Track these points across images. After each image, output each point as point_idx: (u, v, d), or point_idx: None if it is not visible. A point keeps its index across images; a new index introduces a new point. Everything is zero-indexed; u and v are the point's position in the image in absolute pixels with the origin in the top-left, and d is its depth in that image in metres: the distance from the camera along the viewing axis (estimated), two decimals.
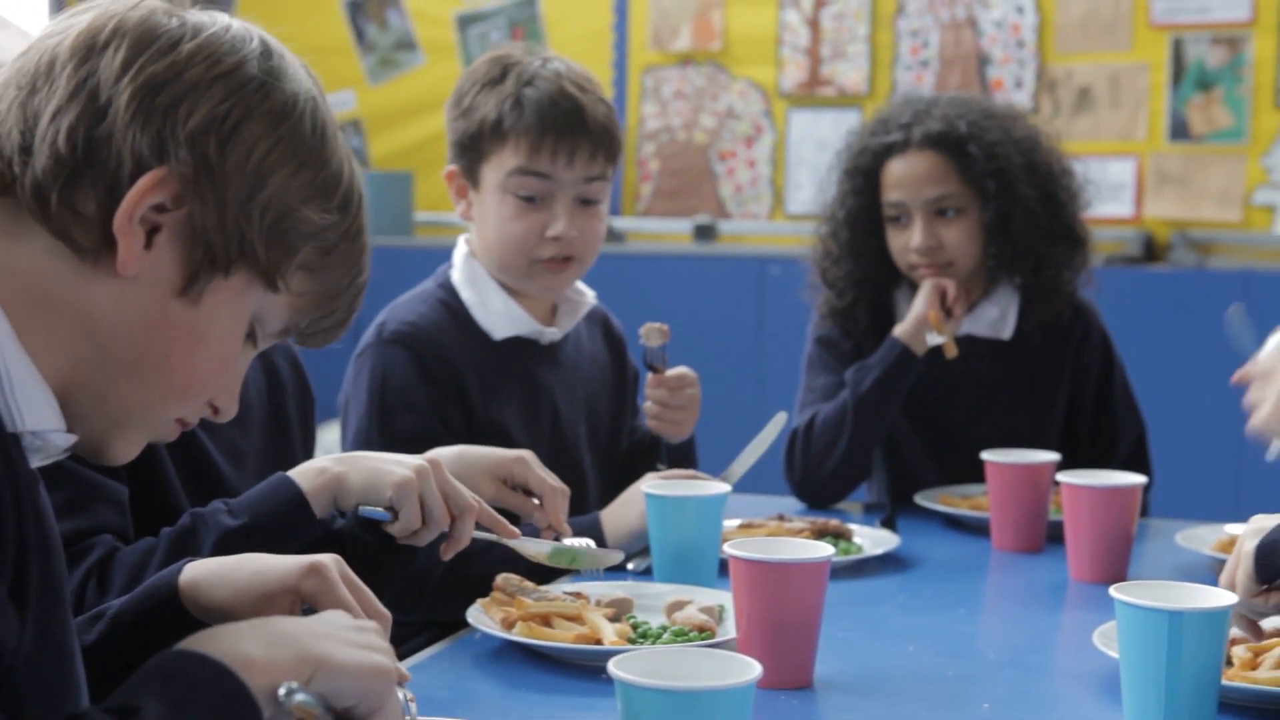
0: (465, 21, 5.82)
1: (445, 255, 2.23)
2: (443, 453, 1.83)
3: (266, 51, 1.09)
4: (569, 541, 1.72)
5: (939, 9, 5.23)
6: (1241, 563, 1.47)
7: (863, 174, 2.55)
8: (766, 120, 5.47)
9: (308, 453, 1.84)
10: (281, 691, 0.95)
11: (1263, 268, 4.57)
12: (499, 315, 2.14)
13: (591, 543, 1.78)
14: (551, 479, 1.79)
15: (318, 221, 1.09)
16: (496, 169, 2.10)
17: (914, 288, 2.54)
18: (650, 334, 2.16)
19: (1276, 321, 4.45)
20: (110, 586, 1.44)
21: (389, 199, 5.50)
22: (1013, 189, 2.48)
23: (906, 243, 2.51)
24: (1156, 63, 4.99)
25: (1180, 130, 4.98)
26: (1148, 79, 5.00)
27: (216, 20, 1.08)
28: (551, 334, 2.18)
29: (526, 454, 1.80)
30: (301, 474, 1.52)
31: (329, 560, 1.17)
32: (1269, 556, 1.44)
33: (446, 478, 1.53)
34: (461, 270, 2.17)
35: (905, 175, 2.50)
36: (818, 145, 5.27)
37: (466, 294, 2.15)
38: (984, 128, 2.50)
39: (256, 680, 0.96)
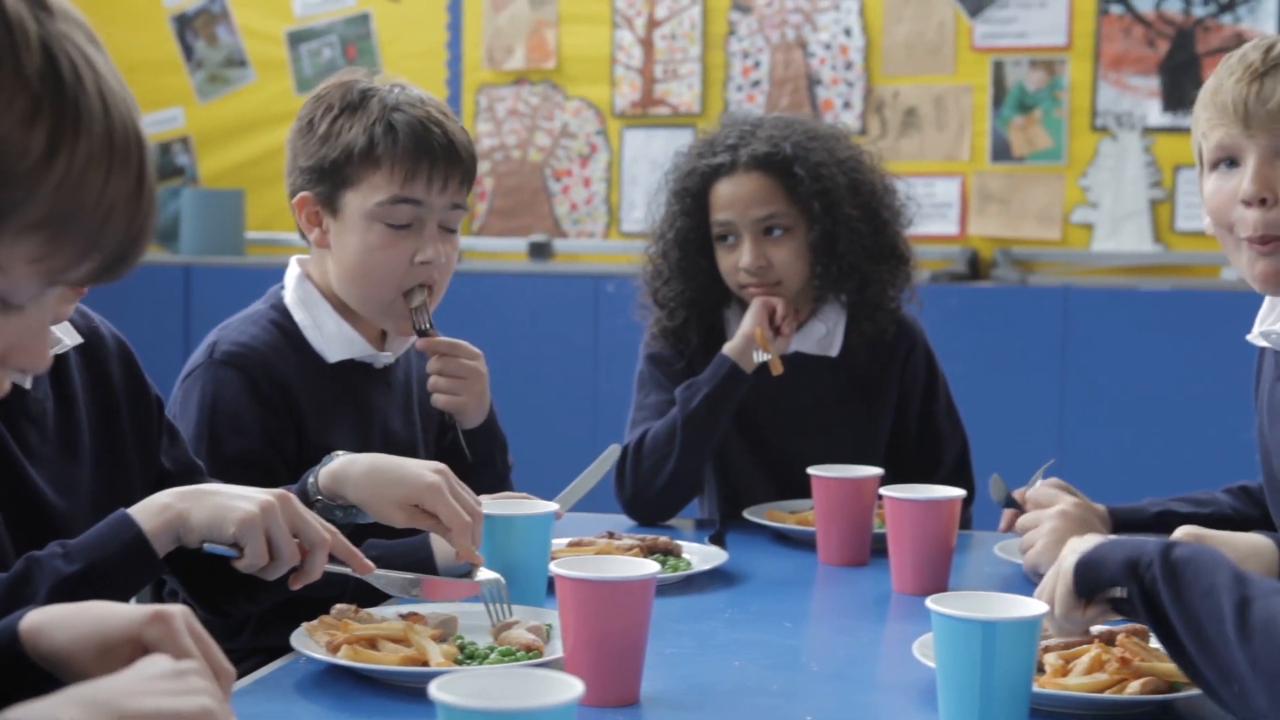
0: (296, 38, 5.76)
1: (278, 274, 2.19)
2: (356, 463, 1.77)
3: None
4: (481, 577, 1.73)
5: (769, 30, 5.31)
6: (1061, 579, 1.51)
7: (691, 195, 2.57)
8: (601, 139, 5.50)
9: (146, 475, 1.78)
10: None
11: (1081, 284, 4.71)
12: (333, 338, 2.11)
13: (500, 579, 1.74)
14: (463, 510, 1.73)
15: (19, 178, 0.91)
16: (364, 196, 2.05)
17: (744, 306, 2.57)
18: (411, 293, 2.10)
19: (1094, 335, 4.59)
20: None
21: (219, 217, 5.41)
22: (838, 209, 2.52)
23: (736, 262, 2.54)
24: (979, 85, 5.12)
25: (1002, 151, 5.12)
26: (970, 100, 5.13)
27: None
28: (385, 358, 2.16)
29: (440, 482, 1.74)
30: (142, 511, 1.49)
31: (174, 609, 1.15)
32: (1087, 572, 1.48)
33: (298, 511, 1.51)
34: (294, 291, 2.13)
35: (733, 196, 2.53)
36: (651, 164, 5.31)
37: (300, 315, 2.11)
38: (809, 149, 2.53)
39: None
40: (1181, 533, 1.73)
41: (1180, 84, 4.95)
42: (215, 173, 5.83)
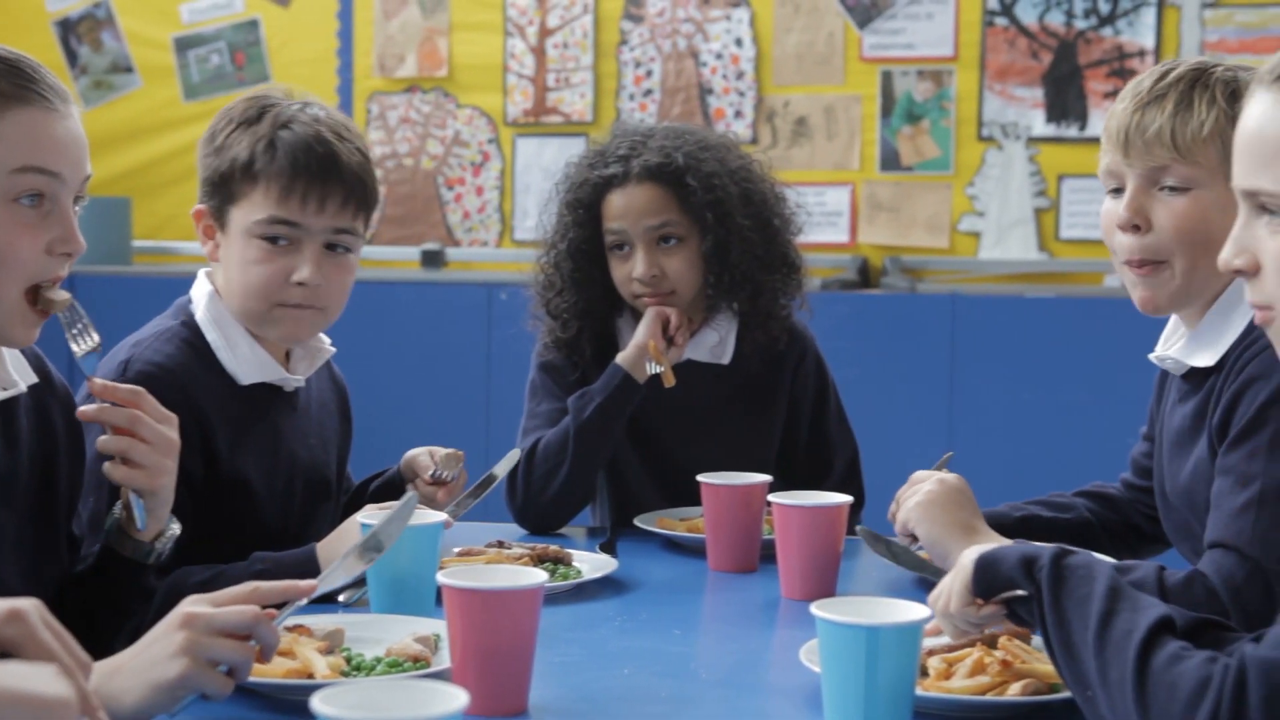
0: (184, 44, 5.69)
1: (165, 283, 2.16)
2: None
3: None
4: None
5: (661, 40, 5.33)
6: (959, 575, 1.54)
7: (584, 206, 2.57)
8: (493, 147, 5.49)
9: (70, 517, 1.76)
10: None
11: (969, 291, 4.78)
12: (246, 360, 2.08)
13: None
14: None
15: None
16: (245, 213, 2.03)
17: (637, 316, 2.58)
18: (448, 461, 2.22)
19: (981, 341, 4.64)
20: None
21: (106, 226, 5.32)
22: (730, 218, 2.53)
23: (629, 272, 2.54)
24: (868, 95, 5.18)
25: (891, 160, 5.18)
26: (860, 110, 5.19)
27: None
28: (296, 381, 2.14)
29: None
30: None
31: (28, 606, 1.13)
32: (986, 571, 1.50)
33: (210, 618, 1.36)
34: (206, 309, 2.08)
35: (626, 206, 2.53)
36: (544, 173, 5.31)
37: (212, 335, 2.07)
38: (700, 159, 2.54)
39: None
40: None
41: (1063, 95, 5.05)
42: (101, 180, 5.73)
